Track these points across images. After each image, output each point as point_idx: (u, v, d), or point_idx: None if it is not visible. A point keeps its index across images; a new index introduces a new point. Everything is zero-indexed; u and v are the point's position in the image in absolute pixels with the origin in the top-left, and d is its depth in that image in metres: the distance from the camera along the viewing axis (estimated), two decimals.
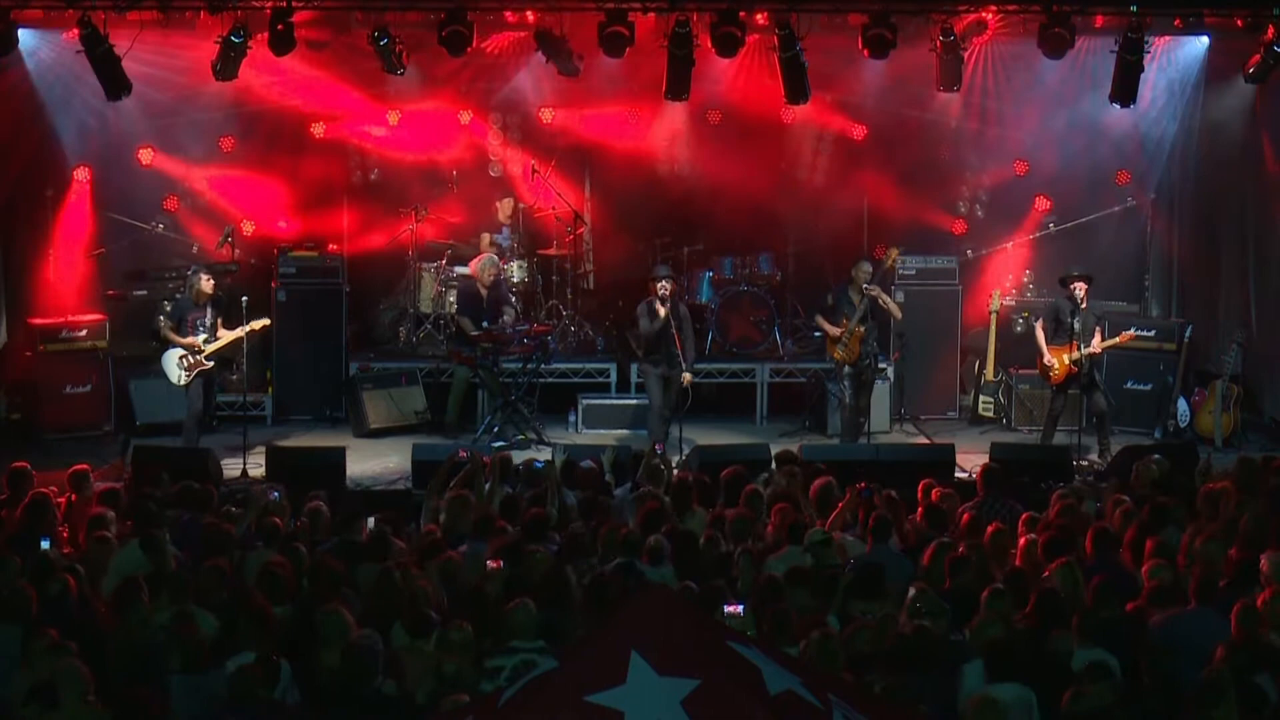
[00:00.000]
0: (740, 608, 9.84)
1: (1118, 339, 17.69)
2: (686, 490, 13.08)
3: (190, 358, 16.83)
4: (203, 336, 16.85)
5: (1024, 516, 12.43)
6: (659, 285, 17.27)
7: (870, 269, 17.70)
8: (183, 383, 16.88)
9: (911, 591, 10.19)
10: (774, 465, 14.70)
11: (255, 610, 9.87)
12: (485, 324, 18.21)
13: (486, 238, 20.09)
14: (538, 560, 11.05)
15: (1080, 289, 17.25)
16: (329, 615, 9.72)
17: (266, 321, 17.39)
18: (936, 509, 12.66)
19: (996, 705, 8.41)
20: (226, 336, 16.95)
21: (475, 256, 19.29)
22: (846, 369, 17.45)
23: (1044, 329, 17.57)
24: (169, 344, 16.97)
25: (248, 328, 16.99)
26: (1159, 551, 11.18)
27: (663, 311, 17.14)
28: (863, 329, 17.32)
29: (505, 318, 18.52)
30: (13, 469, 13.81)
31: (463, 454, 13.73)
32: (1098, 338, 17.36)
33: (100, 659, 9.43)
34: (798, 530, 11.87)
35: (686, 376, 17.16)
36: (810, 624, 9.61)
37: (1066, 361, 17.25)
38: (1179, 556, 11.36)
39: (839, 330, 17.39)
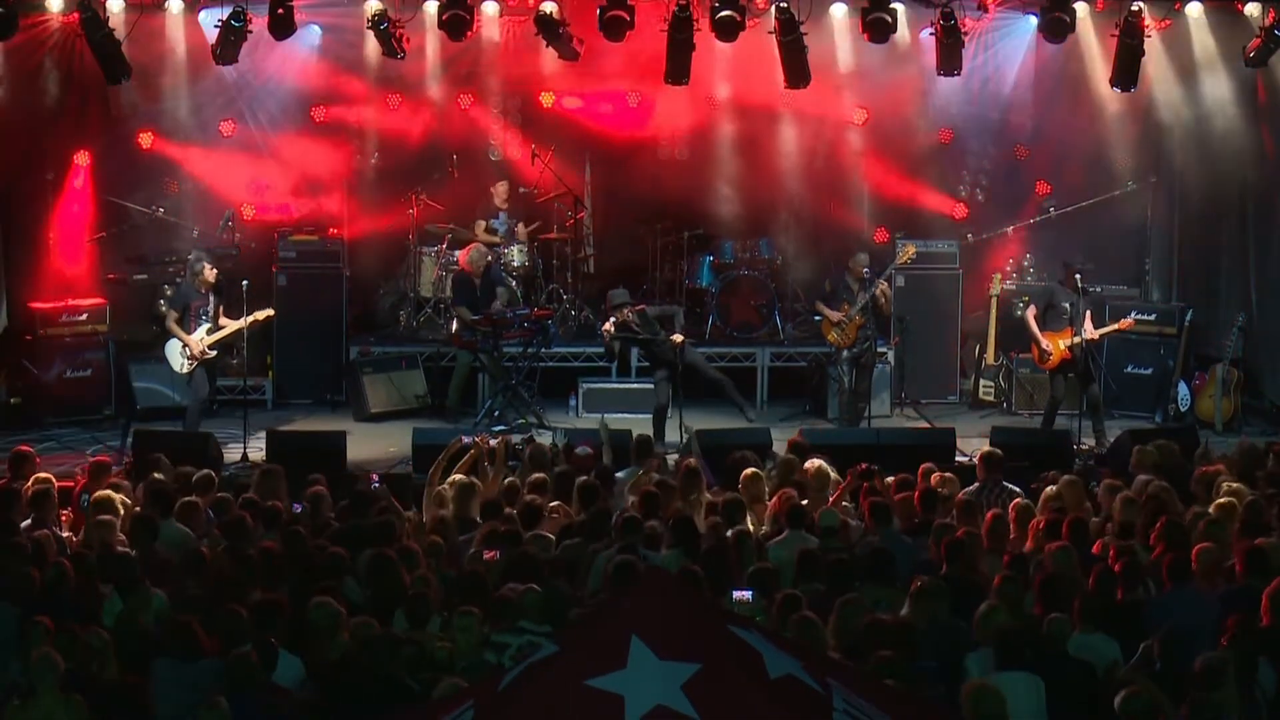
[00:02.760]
0: (749, 594, 9.85)
1: (1117, 325, 17.71)
2: (694, 477, 13.05)
3: (191, 349, 16.82)
4: (205, 326, 16.81)
5: (1014, 503, 12.38)
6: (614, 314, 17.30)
7: (867, 259, 17.76)
8: (185, 370, 16.87)
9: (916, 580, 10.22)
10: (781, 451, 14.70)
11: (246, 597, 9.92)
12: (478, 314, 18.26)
13: (482, 224, 20.08)
14: (537, 545, 11.07)
15: (1080, 277, 17.30)
16: (320, 607, 9.73)
17: (270, 312, 17.34)
18: (931, 493, 12.66)
19: (994, 693, 8.41)
20: (230, 326, 16.91)
21: (469, 244, 19.32)
22: (844, 353, 17.58)
23: (1035, 315, 17.59)
24: (172, 334, 16.93)
25: (251, 318, 16.96)
26: (1164, 534, 11.19)
27: (609, 329, 17.27)
28: (862, 318, 17.39)
29: (497, 303, 18.53)
30: (15, 453, 13.82)
31: (465, 440, 13.74)
32: (1089, 323, 17.37)
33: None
34: (799, 515, 11.87)
35: (676, 337, 17.16)
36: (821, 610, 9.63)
37: (1063, 347, 17.28)
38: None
39: (839, 315, 17.46)
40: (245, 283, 17.13)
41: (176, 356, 16.86)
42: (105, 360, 18.70)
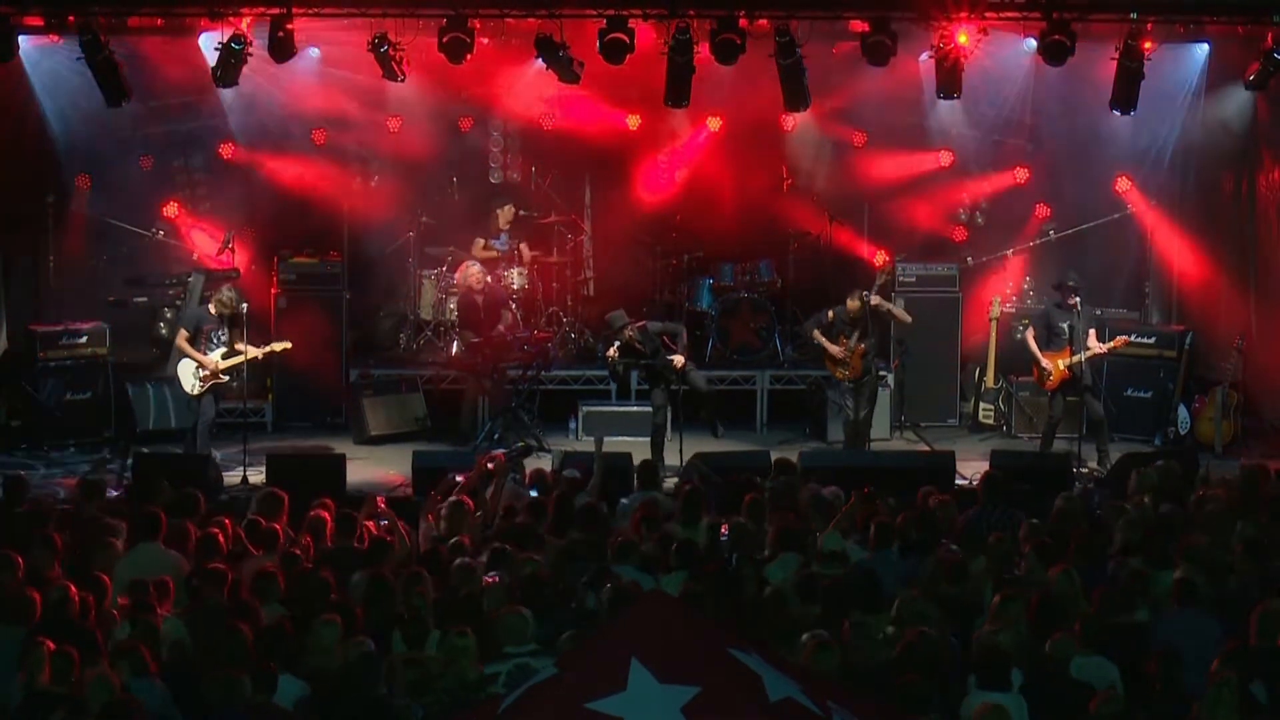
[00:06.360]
0: None
1: (1113, 343, 17.69)
2: (696, 499, 13.01)
3: (205, 370, 16.71)
4: (220, 351, 16.72)
5: (1024, 525, 12.35)
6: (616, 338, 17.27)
7: (866, 294, 17.45)
8: (196, 392, 16.76)
9: (899, 600, 10.22)
10: (772, 472, 14.66)
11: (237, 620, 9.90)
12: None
13: (480, 242, 20.11)
14: (528, 568, 11.05)
15: (1073, 297, 17.28)
16: (324, 625, 9.71)
17: (288, 345, 17.23)
18: (927, 514, 12.64)
19: (1004, 713, 8.40)
20: (244, 354, 16.80)
21: (461, 266, 19.40)
22: (848, 383, 17.37)
23: (1035, 336, 17.63)
24: (182, 354, 16.83)
25: (268, 349, 16.90)
26: (1183, 554, 11.18)
27: (613, 354, 17.28)
28: (864, 346, 17.25)
29: (501, 325, 18.55)
30: (9, 476, 13.80)
31: (457, 479, 13.66)
32: (1093, 339, 17.37)
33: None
34: (794, 537, 11.85)
35: (678, 360, 17.14)
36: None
37: (1062, 367, 17.29)
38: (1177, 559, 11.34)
39: (839, 349, 17.23)
40: (244, 305, 17.12)
41: (189, 377, 16.73)
42: (105, 382, 18.68)
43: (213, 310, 16.84)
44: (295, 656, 9.58)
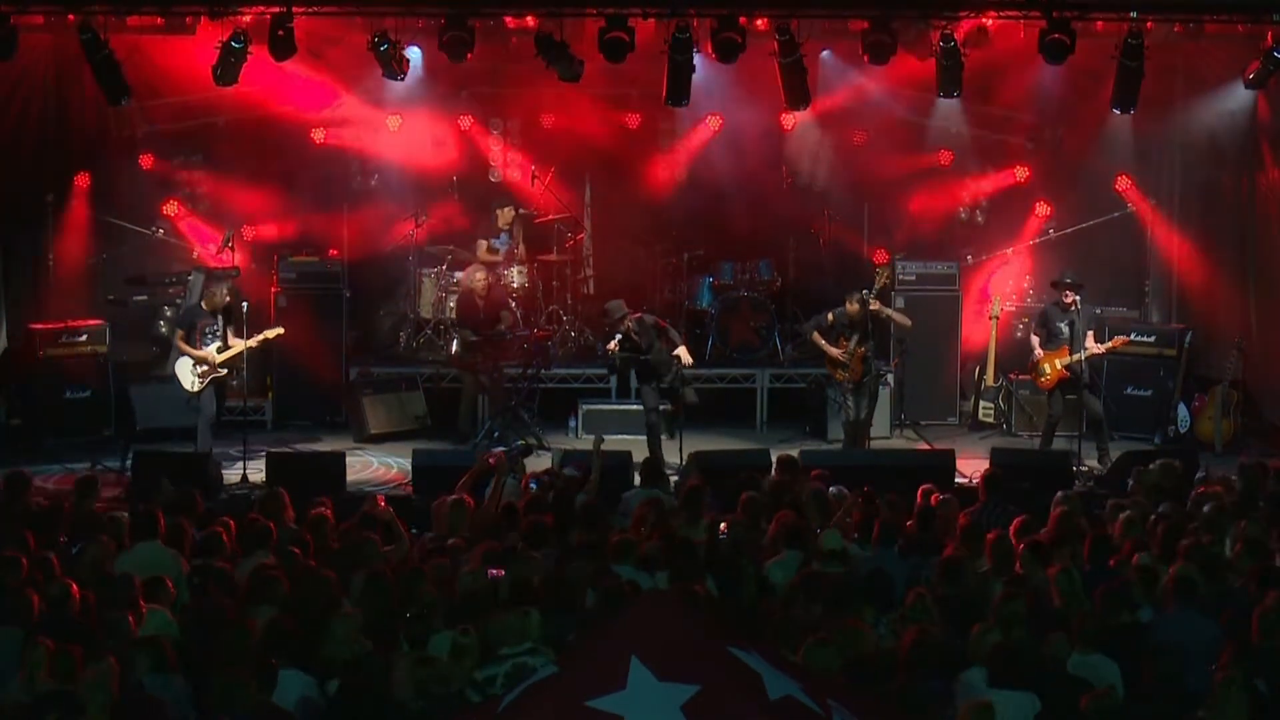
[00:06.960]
0: None
1: (1111, 344, 17.69)
2: (698, 497, 13.00)
3: (204, 365, 16.70)
4: (215, 345, 16.71)
5: (1016, 522, 12.31)
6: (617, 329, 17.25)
7: (866, 293, 17.42)
8: (196, 389, 16.75)
9: (911, 597, 10.21)
10: (774, 471, 14.67)
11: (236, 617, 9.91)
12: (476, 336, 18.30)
13: (484, 244, 20.10)
14: (535, 566, 11.04)
15: (1070, 296, 17.27)
16: (340, 619, 9.72)
17: (280, 331, 17.27)
18: (927, 513, 12.63)
19: (990, 711, 8.39)
20: (239, 345, 16.82)
21: (469, 265, 19.38)
22: (849, 384, 17.32)
23: (1038, 335, 17.63)
24: (180, 353, 16.82)
25: (261, 336, 16.92)
26: (1182, 553, 11.18)
27: (614, 347, 17.25)
28: (864, 349, 17.20)
29: (501, 325, 18.56)
30: (10, 474, 13.79)
31: (488, 460, 13.71)
32: (1090, 341, 17.36)
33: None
34: (797, 535, 11.85)
35: (682, 352, 17.14)
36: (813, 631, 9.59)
37: (1059, 366, 17.28)
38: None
39: (839, 351, 17.17)
40: (245, 304, 17.12)
41: (187, 375, 16.69)
42: (105, 381, 18.67)
43: (204, 306, 16.87)
44: (303, 652, 9.58)
